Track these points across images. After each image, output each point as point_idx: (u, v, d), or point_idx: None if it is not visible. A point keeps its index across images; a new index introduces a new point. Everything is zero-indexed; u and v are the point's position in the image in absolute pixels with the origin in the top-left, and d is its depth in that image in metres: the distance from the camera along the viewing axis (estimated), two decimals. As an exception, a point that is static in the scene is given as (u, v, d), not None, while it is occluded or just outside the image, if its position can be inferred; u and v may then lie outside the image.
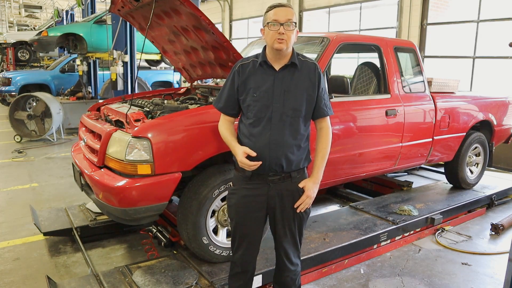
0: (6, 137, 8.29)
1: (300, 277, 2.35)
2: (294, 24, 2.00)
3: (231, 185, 2.28)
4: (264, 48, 2.12)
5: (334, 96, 3.32)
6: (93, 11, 11.18)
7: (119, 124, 3.00)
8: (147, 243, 3.45)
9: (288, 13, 2.00)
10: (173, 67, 9.26)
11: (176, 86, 11.98)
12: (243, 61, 2.16)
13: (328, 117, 2.20)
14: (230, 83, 2.15)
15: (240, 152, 2.06)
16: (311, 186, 2.14)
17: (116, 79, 7.49)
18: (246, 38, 15.67)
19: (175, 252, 3.19)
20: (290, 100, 2.06)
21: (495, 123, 4.89)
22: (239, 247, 2.24)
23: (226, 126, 2.23)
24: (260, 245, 2.31)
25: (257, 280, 2.72)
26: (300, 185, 2.14)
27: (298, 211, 2.14)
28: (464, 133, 4.55)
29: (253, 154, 2.04)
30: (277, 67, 2.08)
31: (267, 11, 2.05)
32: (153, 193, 2.59)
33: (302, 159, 2.15)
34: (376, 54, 3.94)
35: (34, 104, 8.16)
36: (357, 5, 10.77)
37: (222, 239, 2.91)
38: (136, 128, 2.61)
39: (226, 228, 2.93)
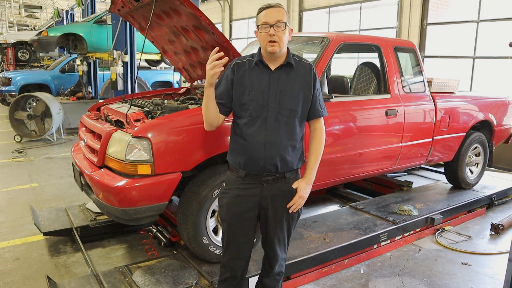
0: (6, 137, 8.29)
1: (282, 281, 2.37)
2: (284, 24, 1.98)
3: (224, 185, 2.24)
4: (260, 48, 2.10)
5: (334, 96, 3.32)
6: (93, 11, 11.19)
7: (119, 124, 3.00)
8: (147, 243, 3.45)
9: (277, 14, 1.97)
10: (173, 67, 9.27)
11: (176, 86, 11.98)
12: (239, 60, 2.14)
13: (322, 118, 2.19)
14: (226, 79, 2.12)
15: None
16: (303, 187, 2.12)
17: (116, 79, 7.50)
18: (246, 38, 15.67)
19: (175, 252, 3.20)
20: (286, 100, 2.05)
21: (495, 123, 4.89)
22: (228, 249, 2.20)
23: None
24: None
25: (255, 281, 2.70)
26: (293, 185, 2.13)
27: (290, 211, 2.13)
28: (464, 133, 4.55)
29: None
30: (272, 67, 2.07)
31: (257, 13, 2.04)
32: (153, 193, 2.59)
33: (297, 160, 2.14)
34: (376, 54, 3.94)
35: (34, 104, 8.16)
36: (357, 5, 10.77)
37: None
38: (136, 128, 2.61)
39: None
